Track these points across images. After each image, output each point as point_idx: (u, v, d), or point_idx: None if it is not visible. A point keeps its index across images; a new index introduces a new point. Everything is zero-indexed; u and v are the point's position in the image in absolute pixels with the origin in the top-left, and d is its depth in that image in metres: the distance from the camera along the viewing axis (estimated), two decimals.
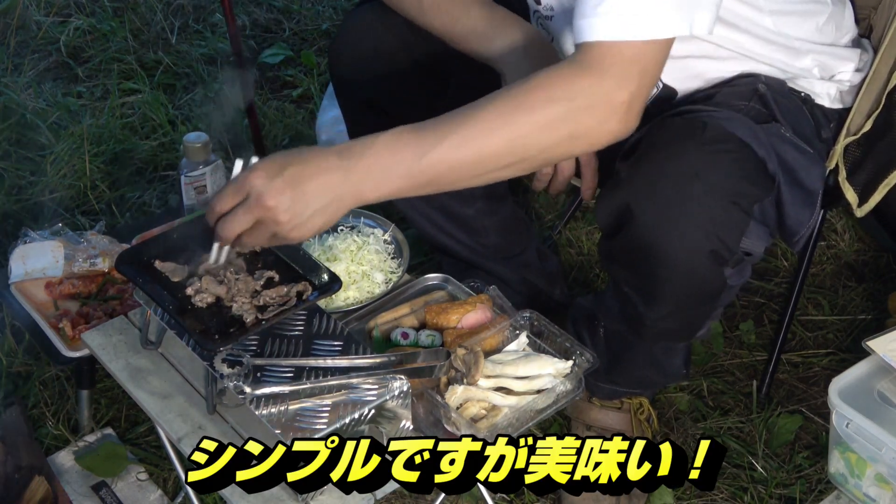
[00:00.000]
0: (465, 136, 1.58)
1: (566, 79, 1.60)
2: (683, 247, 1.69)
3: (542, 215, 2.80)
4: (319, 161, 1.58)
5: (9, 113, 3.10)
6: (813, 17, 1.91)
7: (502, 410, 1.68)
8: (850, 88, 1.99)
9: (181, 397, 1.78)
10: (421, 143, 1.58)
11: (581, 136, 1.61)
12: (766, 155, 1.73)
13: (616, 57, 1.59)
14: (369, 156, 1.58)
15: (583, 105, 1.59)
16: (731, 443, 2.25)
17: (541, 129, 1.59)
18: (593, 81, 1.59)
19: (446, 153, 1.58)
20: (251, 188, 1.57)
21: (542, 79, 1.61)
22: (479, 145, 1.59)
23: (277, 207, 1.56)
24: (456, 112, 1.60)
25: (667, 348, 2.02)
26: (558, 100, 1.58)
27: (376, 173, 1.58)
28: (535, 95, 1.59)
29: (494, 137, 1.59)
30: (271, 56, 3.42)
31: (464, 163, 1.60)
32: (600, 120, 1.60)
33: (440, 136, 1.58)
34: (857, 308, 2.55)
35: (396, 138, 1.59)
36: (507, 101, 1.60)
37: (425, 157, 1.57)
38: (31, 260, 2.26)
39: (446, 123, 1.59)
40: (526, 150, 1.61)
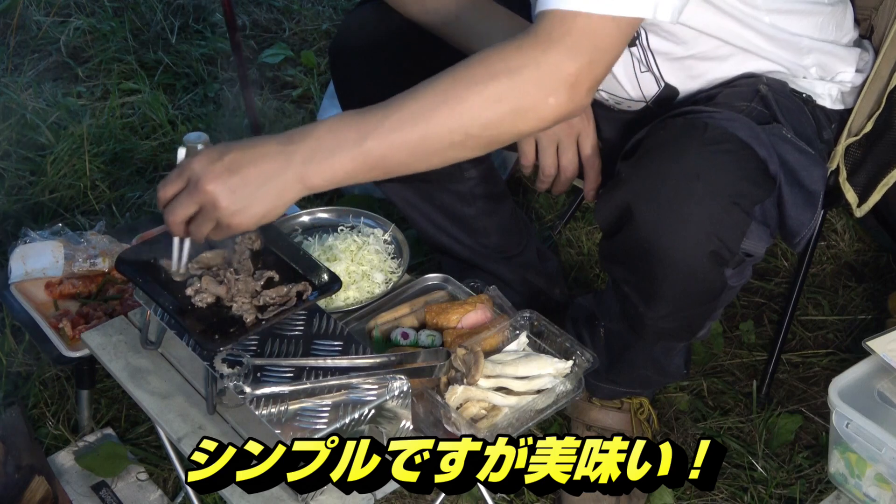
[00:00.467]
0: (407, 115, 1.54)
1: (511, 51, 1.55)
2: (684, 247, 1.69)
3: (542, 215, 2.80)
4: (260, 147, 1.56)
5: (9, 113, 3.10)
6: (812, 17, 1.91)
7: (502, 410, 1.68)
8: (851, 89, 1.99)
9: (181, 397, 1.78)
10: (364, 124, 1.55)
11: (526, 110, 1.55)
12: (768, 156, 1.72)
13: (568, 27, 1.53)
14: (311, 139, 1.55)
15: (527, 77, 1.53)
16: (731, 443, 2.25)
17: (483, 105, 1.54)
18: (539, 52, 1.53)
19: (389, 133, 1.54)
20: (191, 173, 1.56)
21: (487, 53, 1.56)
22: (422, 124, 1.54)
23: (216, 192, 1.54)
24: (403, 93, 1.57)
25: (667, 348, 2.02)
26: (501, 73, 1.53)
27: (319, 157, 1.55)
28: (478, 70, 1.55)
29: (437, 113, 1.54)
30: (271, 56, 3.42)
31: (408, 143, 1.55)
32: (546, 93, 1.54)
33: (383, 115, 1.55)
34: (857, 308, 2.55)
35: (338, 120, 1.56)
36: (449, 77, 1.56)
37: (369, 138, 1.54)
38: (31, 260, 2.26)
39: (389, 104, 1.56)
40: (470, 126, 1.55)
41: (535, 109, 1.55)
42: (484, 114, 1.55)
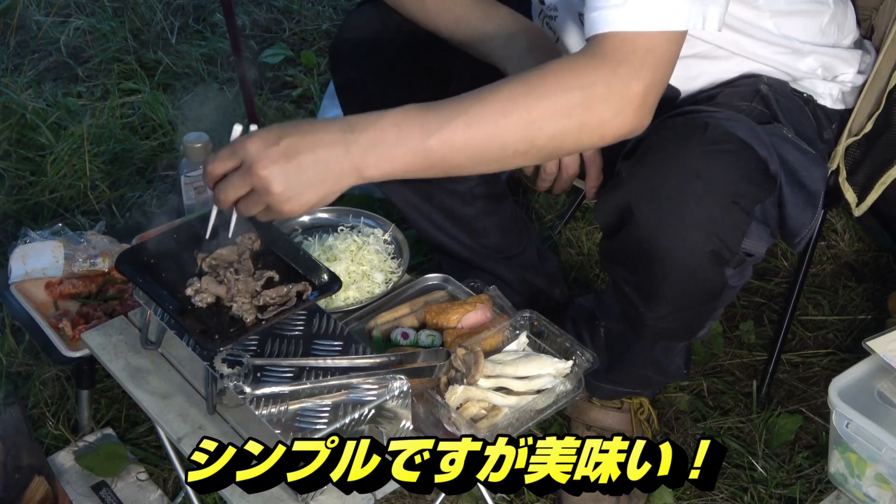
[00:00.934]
0: (476, 117, 1.54)
1: (582, 67, 1.57)
2: (684, 247, 1.69)
3: (542, 215, 2.80)
4: (320, 133, 1.54)
5: (9, 113, 3.11)
6: (814, 18, 1.91)
7: (502, 410, 1.68)
8: (852, 89, 1.99)
9: (181, 397, 1.78)
10: (430, 121, 1.54)
11: (593, 126, 1.57)
12: (768, 155, 1.72)
13: (631, 47, 1.56)
14: (374, 130, 1.54)
15: (598, 94, 1.55)
16: (731, 443, 2.25)
17: (553, 116, 1.55)
18: (609, 71, 1.56)
19: (455, 133, 1.54)
20: (246, 155, 1.54)
21: (558, 66, 1.58)
22: (490, 127, 1.55)
23: (270, 177, 1.53)
24: (468, 94, 1.57)
25: (667, 348, 2.02)
26: (573, 87, 1.55)
27: (380, 149, 1.54)
28: (550, 82, 1.56)
29: (505, 120, 1.55)
30: (271, 56, 3.42)
31: (471, 144, 1.55)
32: (615, 111, 1.57)
33: (450, 115, 1.55)
34: (857, 308, 2.55)
35: (404, 114, 1.55)
36: (520, 85, 1.56)
37: (433, 136, 1.54)
38: (31, 260, 2.26)
39: (458, 103, 1.56)
40: (536, 137, 1.56)
41: (602, 126, 1.57)
42: (552, 126, 1.56)
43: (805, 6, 1.90)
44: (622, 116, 1.57)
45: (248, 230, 1.79)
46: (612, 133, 1.59)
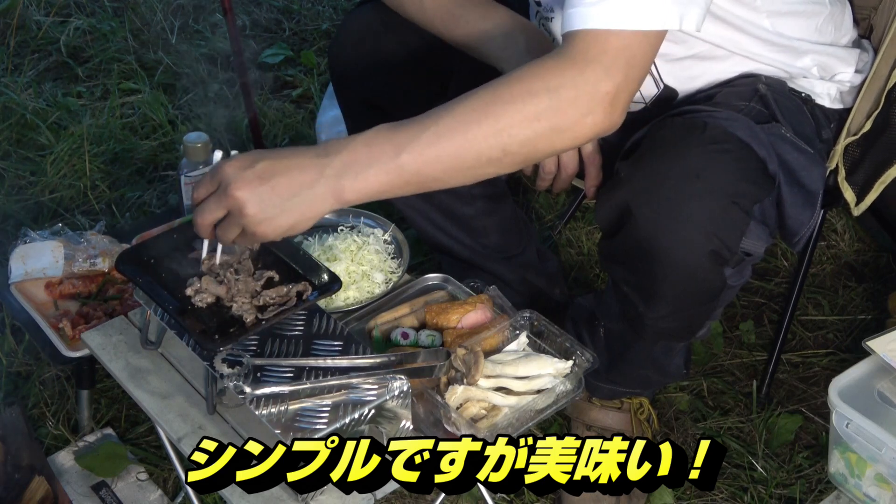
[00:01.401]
0: (444, 130, 1.54)
1: (549, 70, 1.56)
2: (683, 246, 1.69)
3: (542, 215, 2.80)
4: (294, 157, 1.55)
5: (9, 113, 3.11)
6: (811, 18, 1.91)
7: (502, 410, 1.68)
8: (850, 89, 1.99)
9: (181, 397, 1.78)
10: (398, 138, 1.54)
11: (564, 129, 1.56)
12: (767, 155, 1.73)
13: (603, 46, 1.55)
14: (346, 152, 1.54)
15: (566, 97, 1.54)
16: (731, 443, 2.25)
17: (522, 122, 1.55)
18: (577, 72, 1.55)
19: (425, 146, 1.54)
20: (223, 177, 1.55)
21: (525, 71, 1.57)
22: (460, 138, 1.54)
23: (244, 199, 1.54)
24: (438, 108, 1.57)
25: (667, 348, 2.02)
26: (540, 91, 1.54)
27: (353, 170, 1.54)
28: (517, 88, 1.55)
29: (474, 131, 1.55)
30: (271, 56, 3.42)
31: (443, 157, 1.55)
32: (583, 112, 1.55)
33: (420, 129, 1.55)
34: (857, 308, 2.55)
35: (374, 134, 1.56)
36: (487, 94, 1.56)
37: (404, 152, 1.54)
38: (31, 260, 2.26)
39: (428, 117, 1.56)
40: (508, 143, 1.56)
41: (573, 128, 1.56)
42: (522, 132, 1.55)
43: (802, 6, 1.90)
44: (592, 117, 1.56)
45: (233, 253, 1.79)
46: (584, 134, 1.58)
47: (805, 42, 1.90)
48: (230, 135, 2.98)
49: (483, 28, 1.87)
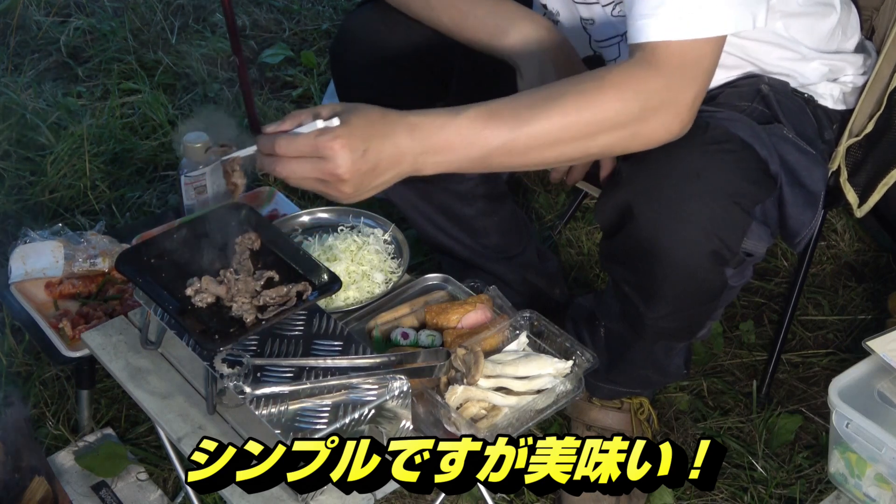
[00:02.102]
0: (539, 130, 1.59)
1: (638, 79, 1.60)
2: (684, 247, 1.69)
3: (542, 215, 2.80)
4: (395, 141, 1.57)
5: (9, 113, 3.10)
6: (822, 20, 1.91)
7: (502, 410, 1.68)
8: (852, 89, 1.99)
9: (181, 397, 1.78)
10: (494, 133, 1.59)
11: (644, 136, 1.62)
12: (768, 156, 1.72)
13: (682, 59, 1.60)
14: (438, 139, 1.59)
15: (652, 106, 1.60)
16: (731, 443, 2.25)
17: (610, 128, 1.60)
18: (663, 84, 1.60)
19: (516, 145, 1.59)
20: (331, 153, 1.55)
21: (616, 77, 1.61)
22: (551, 140, 1.60)
23: (349, 181, 1.56)
24: (530, 99, 1.61)
25: (667, 348, 2.02)
26: (631, 100, 1.59)
27: (440, 156, 1.60)
28: (610, 94, 1.59)
29: (566, 132, 1.60)
30: (271, 56, 3.42)
31: (531, 155, 1.62)
32: (665, 121, 1.62)
33: (513, 125, 1.59)
34: (857, 308, 2.55)
35: (470, 125, 1.59)
36: (581, 97, 1.60)
37: (496, 148, 1.59)
38: (31, 260, 2.26)
39: (519, 114, 1.59)
40: (591, 146, 1.62)
41: (651, 135, 1.63)
42: (607, 137, 1.62)
43: (814, 8, 1.89)
44: (671, 125, 1.62)
45: (247, 230, 1.79)
46: (658, 140, 1.64)
47: (814, 50, 1.91)
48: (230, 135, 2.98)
49: (491, 23, 1.86)
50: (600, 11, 1.89)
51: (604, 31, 1.92)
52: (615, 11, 1.87)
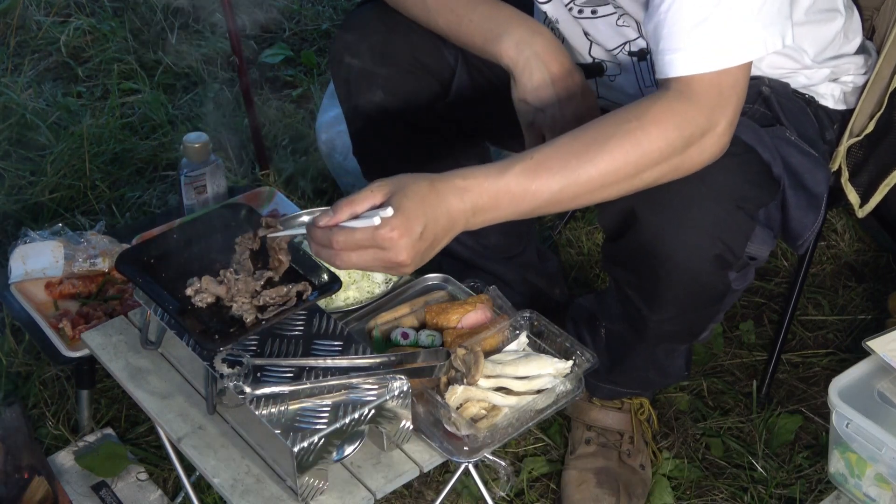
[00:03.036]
0: (587, 181, 1.59)
1: (678, 113, 1.61)
2: (688, 250, 1.69)
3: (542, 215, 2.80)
4: (449, 214, 1.57)
5: (9, 113, 3.10)
6: (827, 25, 1.91)
7: (502, 410, 1.68)
8: (853, 89, 1.99)
9: (181, 397, 1.78)
10: (541, 185, 1.58)
11: (687, 165, 1.63)
12: (771, 158, 1.72)
13: (719, 87, 1.61)
14: (490, 200, 1.58)
15: (694, 137, 1.61)
16: (731, 443, 2.25)
17: (655, 163, 1.61)
18: (702, 114, 1.61)
19: (564, 197, 1.60)
20: (390, 244, 1.53)
21: (655, 113, 1.61)
22: (598, 187, 1.60)
23: (410, 263, 1.55)
24: (573, 146, 1.60)
25: (668, 350, 2.02)
26: (673, 134, 1.60)
27: (491, 216, 1.60)
28: (651, 132, 1.59)
29: (615, 180, 1.60)
30: (271, 56, 3.42)
31: (579, 202, 1.63)
32: (705, 148, 1.63)
33: (561, 179, 1.58)
34: (857, 308, 2.55)
35: (518, 181, 1.58)
36: (624, 138, 1.59)
37: (544, 202, 1.60)
38: (31, 260, 2.26)
39: (569, 163, 1.58)
40: (637, 185, 1.62)
41: (691, 166, 1.64)
42: (652, 174, 1.63)
43: (819, 15, 1.89)
44: (712, 150, 1.64)
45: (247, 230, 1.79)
46: (701, 165, 1.65)
47: (818, 56, 1.91)
48: (230, 135, 2.98)
49: (487, 27, 1.85)
50: (601, 22, 1.89)
51: (606, 42, 1.91)
52: (620, 21, 1.86)
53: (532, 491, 2.16)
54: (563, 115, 1.80)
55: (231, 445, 1.69)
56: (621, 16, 1.85)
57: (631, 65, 1.91)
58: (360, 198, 1.56)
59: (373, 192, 1.56)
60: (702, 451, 2.23)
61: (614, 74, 1.96)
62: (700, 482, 2.18)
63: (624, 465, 2.12)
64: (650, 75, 1.90)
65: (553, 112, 1.80)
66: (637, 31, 1.86)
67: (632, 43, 1.88)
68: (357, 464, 1.66)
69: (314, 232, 1.57)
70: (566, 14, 1.90)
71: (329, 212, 1.56)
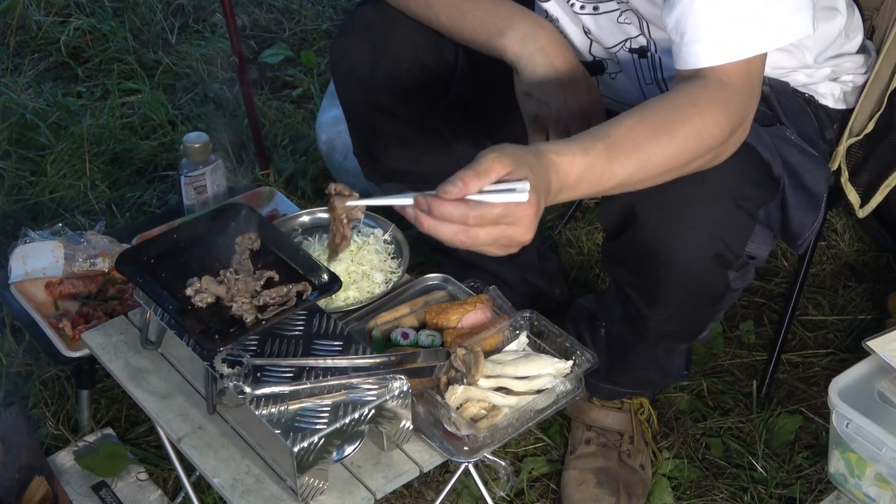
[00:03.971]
0: (656, 162, 1.58)
1: (725, 101, 1.61)
2: (688, 250, 1.69)
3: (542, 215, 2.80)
4: (549, 186, 1.54)
5: (9, 113, 3.10)
6: (828, 24, 1.90)
7: (502, 410, 1.68)
8: (853, 89, 1.99)
9: (181, 397, 1.78)
10: (618, 167, 1.56)
11: (724, 154, 1.64)
12: (771, 158, 1.72)
13: (748, 77, 1.62)
14: (575, 178, 1.54)
15: (735, 126, 1.62)
16: (731, 443, 2.25)
17: (707, 151, 1.61)
18: (742, 103, 1.62)
19: (637, 177, 1.58)
20: (523, 222, 1.49)
21: (707, 100, 1.60)
22: (662, 170, 1.59)
23: (529, 241, 1.53)
24: (641, 128, 1.58)
25: (668, 349, 2.02)
26: (723, 123, 1.60)
27: (573, 192, 1.56)
28: (709, 119, 1.59)
29: (677, 161, 1.60)
30: (271, 56, 3.42)
31: (643, 182, 1.61)
32: (736, 142, 1.64)
33: (636, 160, 1.57)
34: (857, 308, 2.55)
35: (598, 161, 1.55)
36: (686, 124, 1.58)
37: (619, 181, 1.57)
38: (31, 260, 2.26)
39: (640, 147, 1.57)
40: (685, 170, 1.62)
41: (729, 152, 1.65)
42: (700, 161, 1.62)
43: (822, 13, 1.89)
44: (741, 140, 1.65)
45: (247, 230, 1.79)
46: (729, 155, 1.66)
47: (819, 55, 1.91)
48: (230, 135, 2.98)
49: (490, 22, 1.84)
50: (603, 18, 1.88)
51: (606, 39, 1.91)
52: (621, 18, 1.86)
53: (532, 491, 2.16)
54: (568, 108, 1.80)
55: (231, 445, 1.69)
56: (623, 12, 1.85)
57: (631, 62, 1.91)
58: (485, 169, 1.44)
59: (495, 162, 1.45)
60: (702, 451, 2.24)
61: (615, 72, 1.96)
62: (700, 482, 2.18)
63: (624, 465, 2.12)
64: (650, 73, 1.90)
65: (557, 106, 1.80)
66: (638, 29, 1.86)
67: (632, 40, 1.88)
68: (357, 464, 1.66)
69: (439, 206, 1.43)
70: (567, 10, 1.90)
71: (455, 183, 1.43)
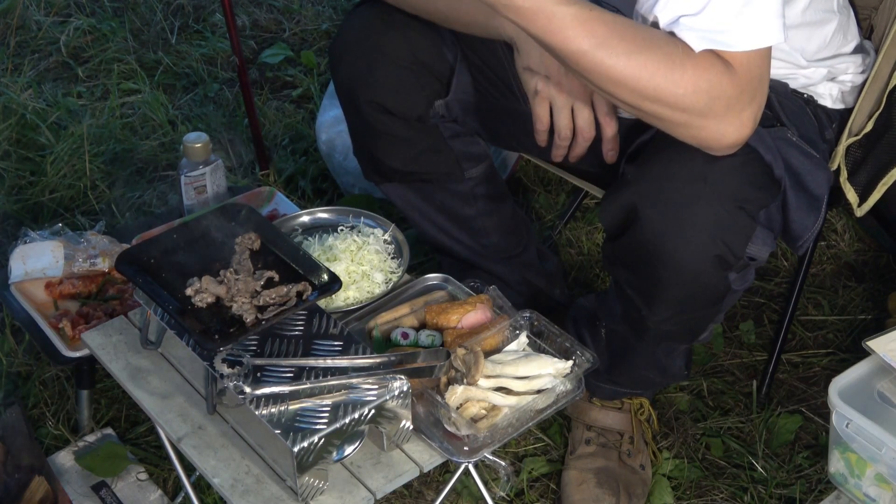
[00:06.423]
0: (613, 64, 1.55)
1: (718, 75, 1.57)
2: (689, 250, 1.69)
3: (542, 215, 2.80)
4: None
5: (9, 113, 3.10)
6: (822, 27, 1.90)
7: (502, 410, 1.68)
8: (851, 88, 1.99)
9: (181, 397, 1.78)
10: (569, 38, 1.55)
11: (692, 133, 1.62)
12: (773, 159, 1.72)
13: (758, 69, 1.59)
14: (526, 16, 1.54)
15: (719, 107, 1.58)
16: (731, 443, 2.25)
17: (671, 104, 1.57)
18: (737, 91, 1.58)
19: (580, 60, 1.56)
20: None
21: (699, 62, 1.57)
22: (616, 78, 1.57)
23: None
24: (623, 31, 1.56)
25: (668, 350, 2.02)
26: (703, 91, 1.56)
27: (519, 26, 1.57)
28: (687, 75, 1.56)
29: (635, 83, 1.57)
30: (271, 56, 3.42)
31: (586, 73, 1.58)
32: (721, 128, 1.61)
33: (589, 46, 1.55)
34: (857, 308, 2.55)
35: (560, 24, 1.54)
36: (662, 61, 1.56)
37: (563, 50, 1.56)
38: (31, 260, 2.26)
39: (602, 43, 1.55)
40: (644, 105, 1.59)
41: (704, 134, 1.62)
42: (664, 111, 1.59)
43: (814, 16, 1.89)
44: (726, 133, 1.62)
45: (247, 230, 1.79)
46: (706, 141, 1.62)
47: (814, 57, 1.91)
48: (230, 135, 2.98)
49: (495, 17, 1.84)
50: None
51: None
52: None
53: (532, 491, 2.16)
54: (569, 80, 1.80)
55: (231, 445, 1.69)
56: None
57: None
58: None
59: None
60: (702, 451, 2.24)
61: None
62: (700, 482, 2.18)
63: (624, 465, 2.12)
64: None
65: (559, 79, 1.80)
66: None
67: None
68: (357, 464, 1.66)
69: None
70: None
71: None
